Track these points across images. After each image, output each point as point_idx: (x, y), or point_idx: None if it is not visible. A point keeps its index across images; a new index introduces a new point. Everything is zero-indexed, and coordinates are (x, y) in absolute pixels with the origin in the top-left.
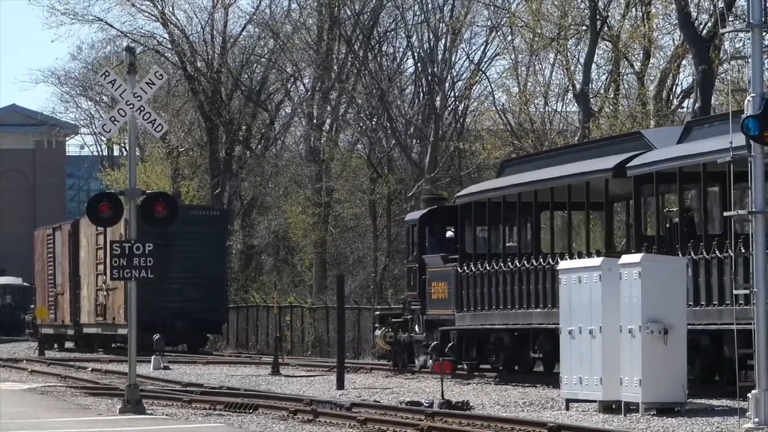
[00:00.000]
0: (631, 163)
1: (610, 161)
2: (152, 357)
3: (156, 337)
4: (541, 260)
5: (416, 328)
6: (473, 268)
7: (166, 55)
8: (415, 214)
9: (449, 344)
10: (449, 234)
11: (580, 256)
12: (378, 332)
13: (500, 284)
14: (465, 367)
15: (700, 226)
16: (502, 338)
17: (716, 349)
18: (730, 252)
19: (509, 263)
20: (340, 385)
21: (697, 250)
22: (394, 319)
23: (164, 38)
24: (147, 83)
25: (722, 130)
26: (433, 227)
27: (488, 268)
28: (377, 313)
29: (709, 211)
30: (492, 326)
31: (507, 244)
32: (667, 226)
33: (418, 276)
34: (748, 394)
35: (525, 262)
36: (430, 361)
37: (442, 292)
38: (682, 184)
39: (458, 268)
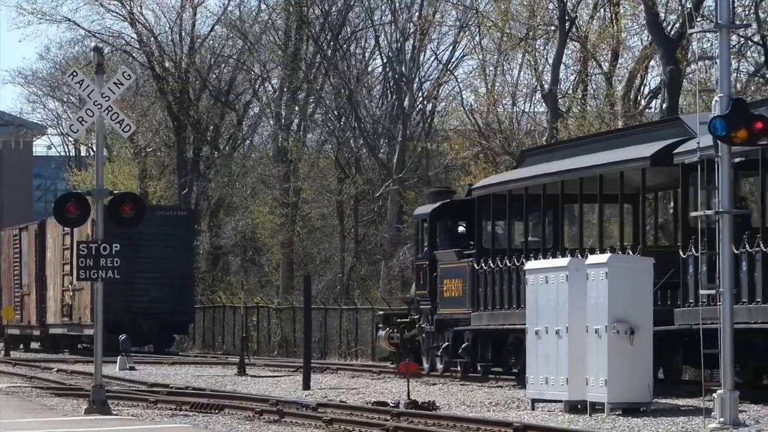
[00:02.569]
0: (679, 150)
1: (647, 149)
2: (118, 357)
3: (122, 337)
4: (568, 256)
5: (425, 328)
6: (492, 265)
7: (134, 55)
8: (425, 209)
9: (463, 345)
10: (461, 229)
11: (612, 251)
12: (382, 333)
13: (522, 282)
14: (479, 369)
15: (756, 217)
16: (522, 339)
17: None
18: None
19: (532, 259)
20: (306, 385)
21: (753, 243)
22: (399, 320)
23: (132, 38)
24: (115, 83)
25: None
26: (444, 222)
27: (509, 264)
28: (380, 313)
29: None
30: (513, 326)
31: (529, 239)
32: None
33: (428, 273)
34: (714, 394)
35: (550, 258)
36: (440, 363)
37: (456, 289)
38: (737, 173)
39: (475, 265)
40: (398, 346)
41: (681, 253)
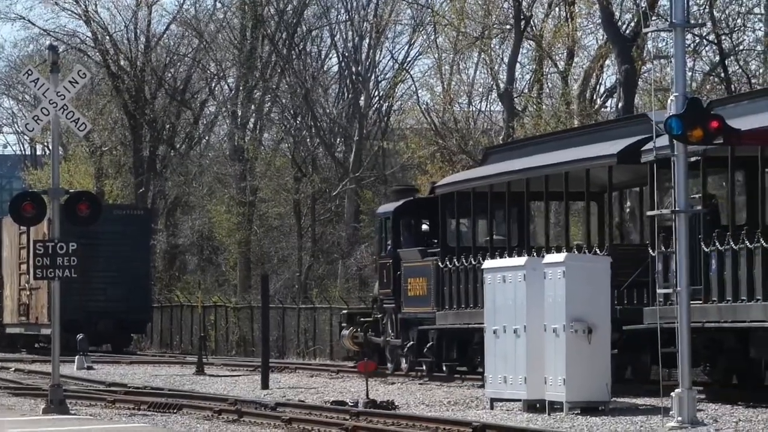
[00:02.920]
0: (647, 147)
1: (613, 146)
2: (76, 357)
3: (80, 336)
4: (534, 254)
5: (389, 327)
6: (457, 263)
7: (89, 53)
8: (388, 207)
9: (428, 345)
10: (424, 227)
11: (579, 249)
12: (345, 332)
13: None
14: (445, 369)
15: (725, 214)
16: None
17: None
18: (746, 243)
19: (497, 258)
20: (265, 384)
21: (723, 240)
22: (363, 319)
23: (87, 37)
24: (70, 82)
25: (750, 109)
26: (408, 220)
27: (474, 262)
28: (344, 312)
29: (736, 200)
30: (478, 325)
31: (495, 237)
32: None
33: (392, 272)
34: (672, 393)
35: (516, 257)
36: (405, 363)
37: (420, 288)
38: (706, 170)
39: (439, 263)
40: (362, 346)
41: (650, 250)
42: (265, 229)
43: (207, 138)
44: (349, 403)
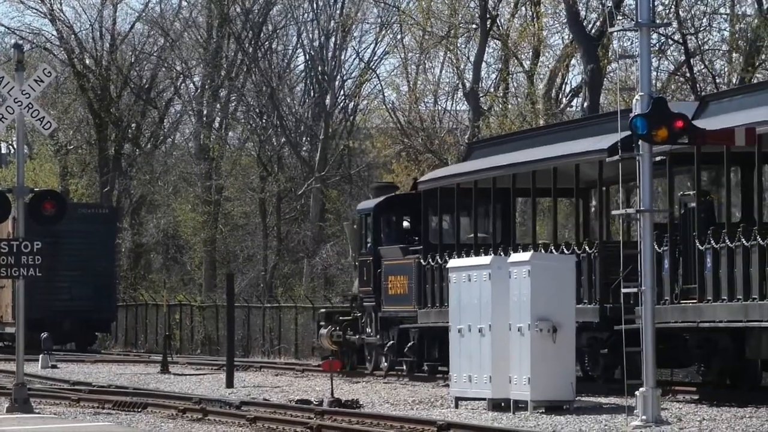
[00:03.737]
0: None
1: (604, 140)
2: (40, 356)
3: (44, 335)
4: (521, 251)
5: (368, 326)
6: (440, 261)
7: (54, 52)
8: (369, 203)
9: (408, 344)
10: (405, 224)
11: (568, 246)
12: (323, 331)
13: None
14: (426, 368)
15: (721, 211)
16: None
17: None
18: (749, 241)
19: (482, 255)
20: (230, 383)
21: (719, 238)
22: (341, 318)
23: (53, 35)
24: (35, 80)
25: (745, 104)
26: (388, 217)
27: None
28: (322, 311)
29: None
30: None
31: (479, 235)
32: (682, 212)
33: (372, 269)
34: (636, 392)
35: (501, 254)
36: (385, 362)
37: (401, 286)
38: (701, 165)
39: (421, 261)
40: (340, 345)
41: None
42: (230, 228)
43: (172, 137)
44: (314, 402)
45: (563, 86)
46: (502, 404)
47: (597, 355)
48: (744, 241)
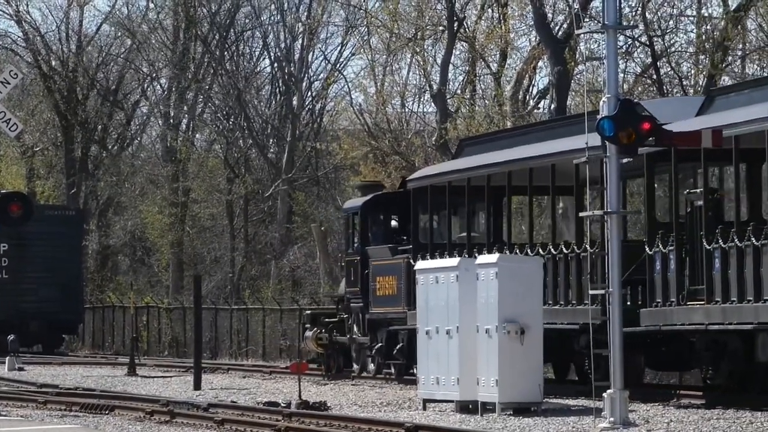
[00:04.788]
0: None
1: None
2: (7, 358)
3: (10, 337)
4: (517, 252)
5: (355, 328)
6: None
7: (20, 53)
8: (355, 202)
9: (398, 346)
10: (393, 224)
11: (567, 246)
12: (309, 333)
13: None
14: (415, 371)
15: (729, 210)
16: None
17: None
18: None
19: (475, 255)
20: (197, 385)
21: (727, 237)
22: (327, 319)
23: (19, 37)
24: (1, 82)
25: (754, 98)
26: (376, 216)
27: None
28: (308, 312)
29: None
30: None
31: (472, 234)
32: (688, 210)
33: (359, 270)
34: (604, 394)
35: (496, 254)
36: (373, 365)
37: (390, 287)
38: (708, 162)
39: (411, 261)
40: (326, 347)
41: (647, 248)
42: (197, 230)
43: (139, 139)
44: (282, 404)
45: (530, 88)
46: (470, 406)
47: (599, 358)
48: (754, 240)
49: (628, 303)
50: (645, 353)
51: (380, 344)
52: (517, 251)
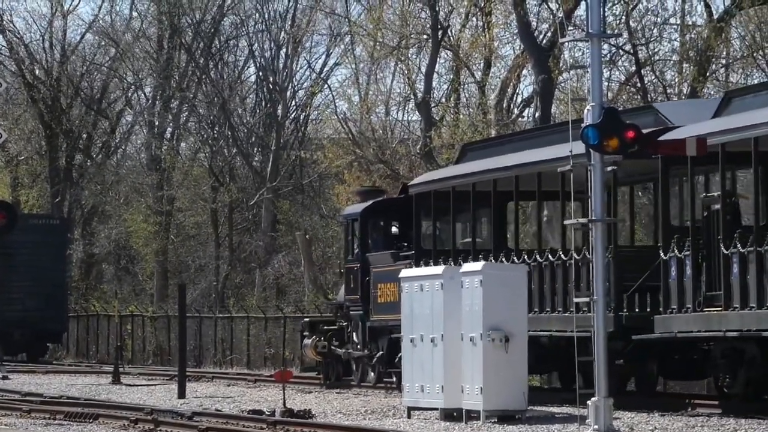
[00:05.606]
0: (660, 140)
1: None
2: None
3: None
4: (525, 258)
5: (355, 336)
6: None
7: (4, 63)
8: (355, 208)
9: (399, 355)
10: (394, 230)
11: (578, 252)
12: (307, 342)
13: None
14: None
15: (746, 213)
16: None
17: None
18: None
19: (481, 261)
20: (182, 394)
21: (745, 242)
22: (326, 327)
23: (2, 46)
24: None
25: None
26: (376, 222)
27: (454, 266)
28: (306, 320)
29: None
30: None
31: (477, 240)
32: (705, 214)
33: (360, 277)
34: (588, 402)
35: (504, 261)
36: (373, 374)
37: (392, 294)
38: (726, 165)
39: (414, 267)
40: (325, 356)
41: (662, 254)
42: (182, 239)
43: (124, 147)
44: (266, 413)
45: (515, 96)
46: (455, 414)
47: (611, 367)
48: None
49: (647, 309)
50: (658, 362)
51: (381, 353)
52: (525, 257)
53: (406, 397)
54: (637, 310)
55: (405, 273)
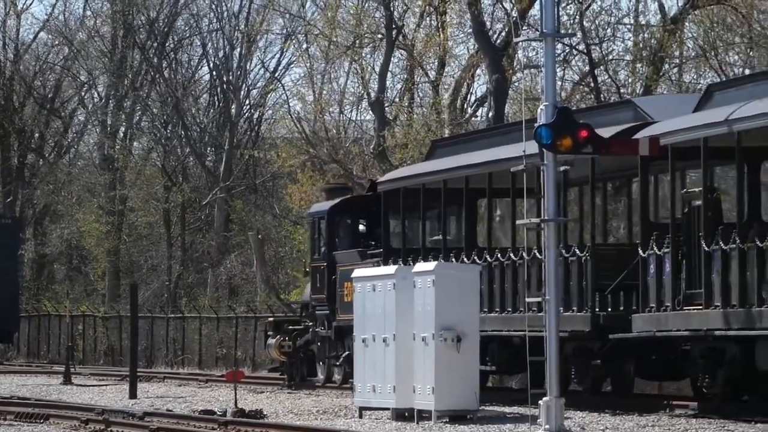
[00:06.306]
0: (640, 135)
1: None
2: None
3: None
4: (498, 257)
5: (322, 335)
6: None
7: None
8: (322, 206)
9: None
10: (361, 228)
11: (568, 249)
12: (272, 341)
13: None
14: None
15: (730, 210)
16: None
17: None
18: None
19: (453, 259)
20: (133, 394)
21: (728, 238)
22: (291, 327)
23: None
24: None
25: (754, 93)
26: (343, 220)
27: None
28: (270, 319)
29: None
30: None
31: (437, 238)
32: (685, 211)
33: (326, 276)
34: (540, 401)
35: (476, 259)
36: (338, 375)
37: None
38: (707, 160)
39: (383, 266)
40: (290, 355)
41: (640, 251)
42: (134, 238)
43: (76, 147)
44: (218, 413)
45: (468, 96)
46: (406, 414)
47: (586, 367)
48: (758, 242)
49: (622, 308)
50: (635, 362)
51: (347, 353)
52: (499, 255)
53: (357, 397)
54: (610, 309)
55: (357, 273)
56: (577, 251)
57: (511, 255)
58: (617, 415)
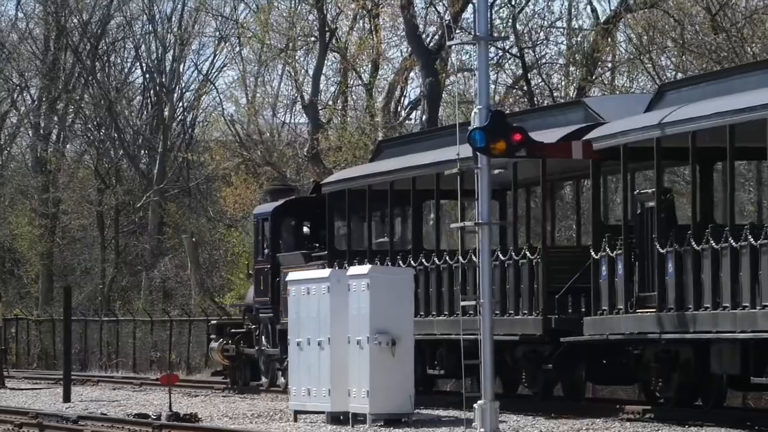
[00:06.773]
0: (591, 136)
1: (546, 135)
2: None
3: None
4: (447, 259)
5: (264, 339)
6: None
7: None
8: (266, 207)
9: None
10: (305, 230)
11: (504, 253)
12: (214, 345)
13: None
14: None
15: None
16: None
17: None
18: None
19: (400, 263)
20: (67, 397)
21: (683, 241)
22: (234, 330)
23: None
24: None
25: (709, 92)
26: (288, 221)
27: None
28: (213, 322)
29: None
30: None
31: (383, 240)
32: (638, 212)
33: (270, 278)
34: (474, 405)
35: (424, 261)
36: (283, 378)
37: None
38: (661, 161)
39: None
40: (233, 359)
41: (593, 253)
42: (67, 241)
43: (8, 149)
44: (152, 416)
45: (402, 99)
46: (341, 417)
47: (537, 371)
48: (713, 244)
49: (570, 311)
50: (587, 366)
51: None
52: (447, 258)
53: (292, 401)
54: (557, 313)
55: (291, 276)
56: (528, 254)
57: (460, 258)
58: (552, 419)
